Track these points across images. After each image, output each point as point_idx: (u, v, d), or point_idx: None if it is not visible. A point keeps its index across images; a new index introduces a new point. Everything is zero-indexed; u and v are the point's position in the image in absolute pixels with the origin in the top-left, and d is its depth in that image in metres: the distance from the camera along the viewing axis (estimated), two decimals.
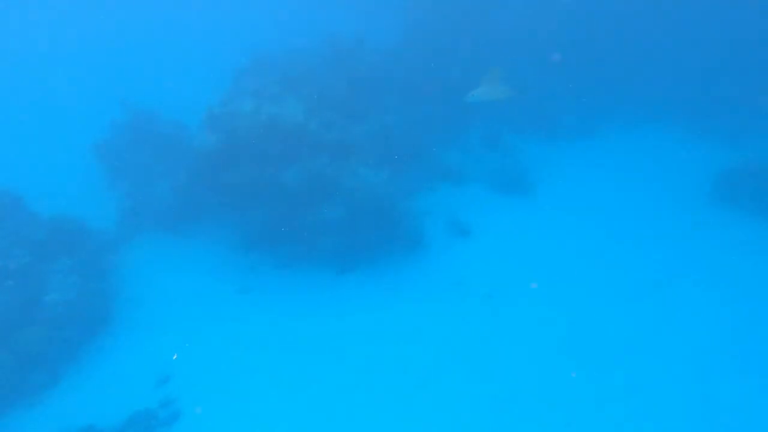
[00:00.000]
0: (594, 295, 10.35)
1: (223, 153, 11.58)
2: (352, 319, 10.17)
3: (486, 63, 15.95)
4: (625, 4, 16.62)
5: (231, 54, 18.20)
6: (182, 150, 13.13)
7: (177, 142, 13.77)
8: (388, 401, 8.37)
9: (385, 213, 11.70)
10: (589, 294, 10.40)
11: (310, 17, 22.89)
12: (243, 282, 11.16)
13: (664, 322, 9.63)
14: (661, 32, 16.59)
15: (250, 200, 11.60)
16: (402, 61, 16.10)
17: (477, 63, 15.53)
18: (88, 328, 9.48)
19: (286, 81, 13.64)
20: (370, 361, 9.15)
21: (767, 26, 15.53)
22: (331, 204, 11.48)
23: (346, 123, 12.70)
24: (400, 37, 17.52)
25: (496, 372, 8.80)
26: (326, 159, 11.75)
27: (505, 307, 10.24)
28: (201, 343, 9.55)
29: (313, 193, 11.48)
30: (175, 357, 8.67)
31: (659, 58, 16.66)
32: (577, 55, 16.07)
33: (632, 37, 16.67)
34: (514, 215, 13.17)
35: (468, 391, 8.48)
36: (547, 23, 16.43)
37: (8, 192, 10.94)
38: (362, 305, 10.54)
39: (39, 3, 27.69)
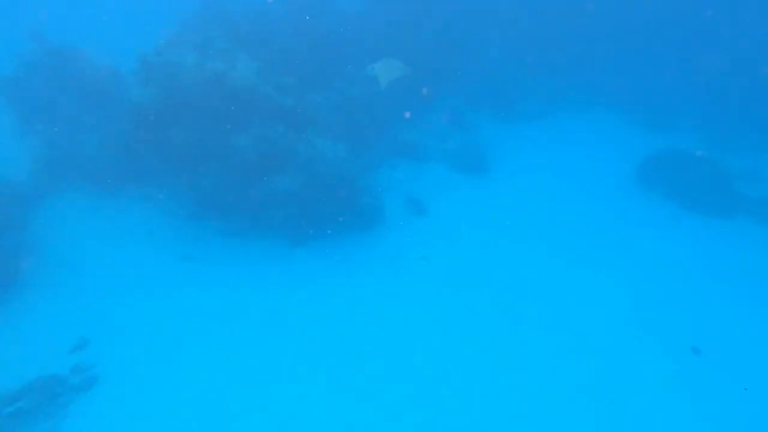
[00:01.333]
0: (524, 271, 10.71)
1: (162, 109, 10.59)
2: (302, 293, 9.73)
3: (456, 38, 16.31)
4: None
5: None
6: (113, 100, 11.84)
7: (107, 90, 12.36)
8: (329, 377, 8.00)
9: (341, 187, 11.36)
10: (522, 269, 10.74)
11: None
12: (185, 249, 10.29)
13: (580, 296, 10.06)
14: (611, 23, 17.44)
15: (196, 164, 10.73)
16: (370, 26, 15.48)
17: (446, 36, 15.81)
18: None
19: (238, 36, 12.77)
20: (315, 336, 8.74)
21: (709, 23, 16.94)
22: (286, 174, 10.93)
23: (303, 89, 12.16)
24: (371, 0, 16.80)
25: (437, 345, 8.73)
26: (281, 127, 11.17)
27: (454, 286, 10.24)
28: (129, 311, 8.60)
29: (267, 162, 10.83)
30: None
31: (609, 47, 17.47)
32: (539, 42, 16.69)
33: (586, 29, 17.49)
34: (471, 194, 13.34)
35: (413, 365, 8.32)
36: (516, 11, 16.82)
37: None
38: (312, 279, 10.14)
39: None
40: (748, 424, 7.91)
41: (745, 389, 8.40)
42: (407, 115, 15.20)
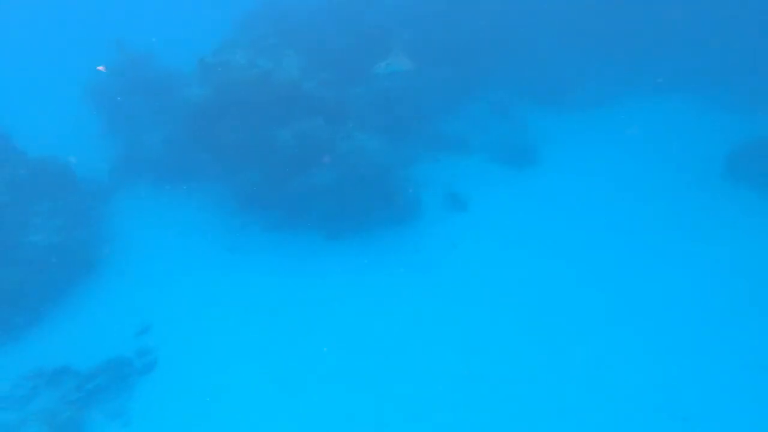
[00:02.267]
0: (585, 277, 9.87)
1: (215, 108, 11.22)
2: (336, 285, 10.08)
3: (499, 31, 15.32)
4: None
5: None
6: (175, 101, 12.77)
7: (170, 91, 13.33)
8: (359, 368, 8.34)
9: (379, 181, 11.39)
10: (580, 275, 9.93)
11: None
12: (231, 241, 11.03)
13: (655, 307, 9.10)
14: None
15: (242, 159, 11.34)
16: (411, 18, 15.04)
17: (490, 29, 14.96)
18: (71, 272, 9.40)
19: (287, 32, 13.04)
20: (348, 327, 9.09)
21: None
22: (324, 168, 11.21)
23: (345, 83, 12.26)
24: None
25: (472, 345, 8.70)
26: (321, 121, 11.39)
27: (492, 286, 10.00)
28: (183, 298, 9.50)
29: (306, 156, 11.14)
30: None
31: (679, 25, 15.24)
32: (597, 22, 15.13)
33: (651, 4, 15.71)
34: (515, 189, 12.61)
35: (442, 362, 8.41)
36: None
37: None
38: (347, 272, 10.44)
39: None
40: None
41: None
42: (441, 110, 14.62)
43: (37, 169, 10.36)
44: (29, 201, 9.75)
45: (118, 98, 12.83)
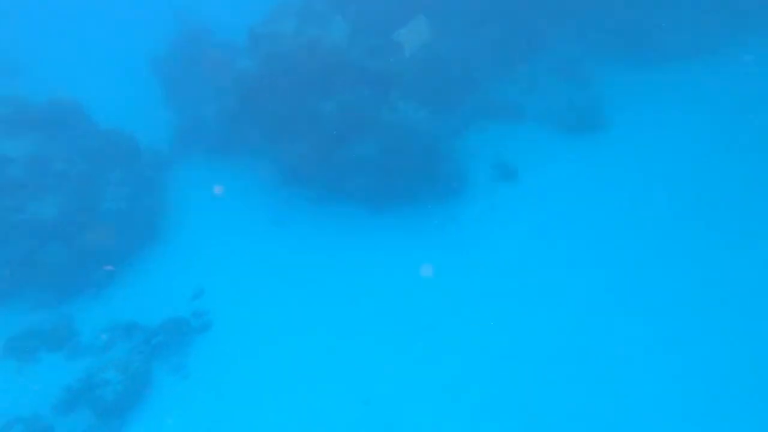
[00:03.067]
0: (654, 265, 8.79)
1: (262, 79, 11.46)
2: (378, 260, 10.40)
3: None
4: None
5: None
6: (227, 73, 13.23)
7: (224, 63, 13.79)
8: (396, 342, 8.76)
9: (424, 153, 11.21)
10: (647, 263, 8.91)
11: None
12: (277, 213, 11.69)
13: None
14: None
15: (288, 132, 11.65)
16: None
17: None
18: (138, 237, 10.49)
19: None
20: (388, 302, 9.47)
21: None
22: (368, 140, 11.25)
23: (391, 50, 11.94)
24: None
25: (517, 328, 8.66)
26: (365, 91, 11.33)
27: (544, 266, 9.52)
28: (233, 266, 10.39)
29: (350, 128, 11.20)
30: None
31: None
32: None
33: None
34: (575, 159, 11.47)
35: (486, 342, 8.55)
36: None
37: (72, 101, 11.68)
38: (390, 247, 10.71)
39: None
40: None
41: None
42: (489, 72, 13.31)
43: (108, 140, 11.38)
44: (102, 170, 10.81)
45: (178, 70, 13.52)
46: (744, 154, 10.54)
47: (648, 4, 13.17)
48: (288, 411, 7.75)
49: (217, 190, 11.92)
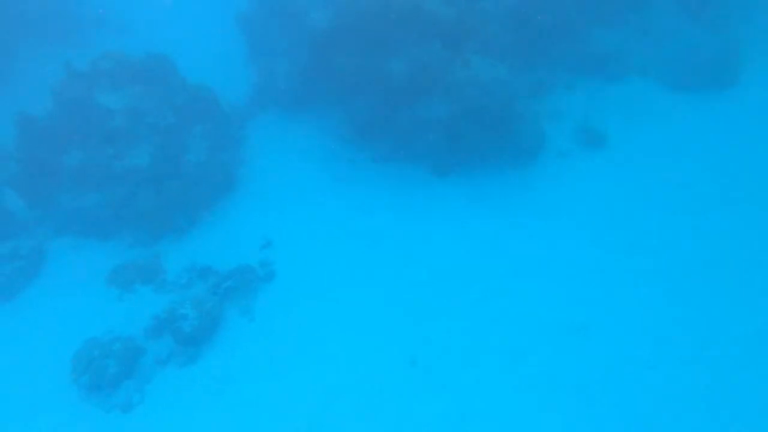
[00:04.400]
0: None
1: (334, 34, 11.33)
2: (438, 224, 10.33)
3: None
4: None
5: None
6: (301, 28, 13.22)
7: (300, 17, 13.75)
8: (451, 309, 8.84)
9: (498, 113, 10.53)
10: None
11: None
12: (342, 171, 11.93)
13: None
14: None
15: (356, 88, 11.55)
16: None
17: None
18: (215, 188, 11.37)
19: None
20: (447, 267, 9.49)
21: None
22: (437, 99, 10.84)
23: None
24: None
25: (587, 305, 8.45)
26: (437, 46, 10.76)
27: (624, 245, 8.91)
28: (299, 220, 10.93)
29: (420, 86, 10.80)
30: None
31: None
32: None
33: None
34: (690, 125, 9.93)
35: (551, 315, 8.42)
36: None
37: (165, 57, 12.53)
38: (452, 212, 10.57)
39: None
40: None
41: None
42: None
43: (194, 95, 12.18)
44: (187, 123, 11.68)
45: (260, 26, 13.78)
46: None
47: None
48: (336, 363, 8.27)
49: (286, 146, 12.40)
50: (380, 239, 10.31)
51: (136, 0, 17.09)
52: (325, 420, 7.44)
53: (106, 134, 11.03)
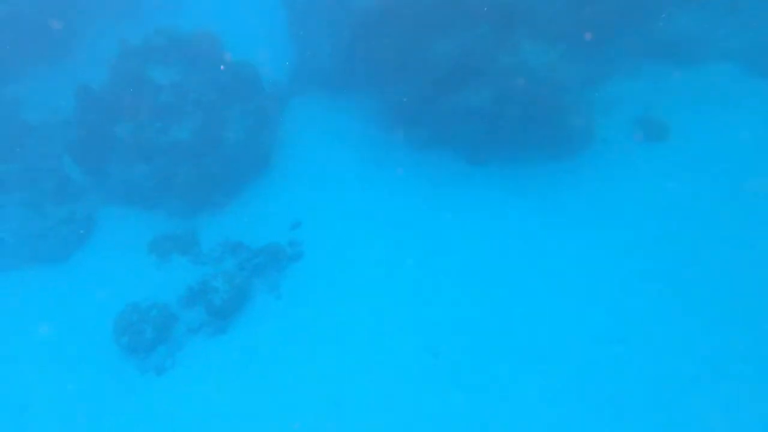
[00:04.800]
0: None
1: (379, 15, 11.05)
2: (472, 215, 10.10)
3: None
4: None
5: None
6: (346, 8, 13.01)
7: None
8: (477, 303, 8.68)
9: (544, 105, 9.97)
10: None
11: None
12: (377, 155, 11.84)
13: None
14: None
15: (397, 72, 11.31)
16: None
17: None
18: (251, 166, 11.64)
19: None
20: (475, 260, 9.30)
21: None
22: (481, 87, 10.38)
23: None
24: None
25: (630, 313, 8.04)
26: (486, 29, 10.24)
27: (675, 248, 8.25)
28: (331, 203, 11.02)
29: (464, 72, 10.39)
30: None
31: None
32: None
33: None
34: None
35: (584, 321, 8.13)
36: None
37: (212, 34, 12.78)
38: (488, 203, 10.27)
39: None
40: None
41: None
42: None
43: (236, 73, 12.39)
44: (228, 101, 11.94)
45: (304, 4, 13.70)
46: None
47: None
48: (358, 347, 8.39)
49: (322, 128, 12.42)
50: (411, 227, 10.21)
51: None
52: (342, 401, 7.61)
53: (155, 108, 11.50)
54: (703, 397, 6.92)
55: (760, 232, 8.32)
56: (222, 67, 12.25)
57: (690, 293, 8.07)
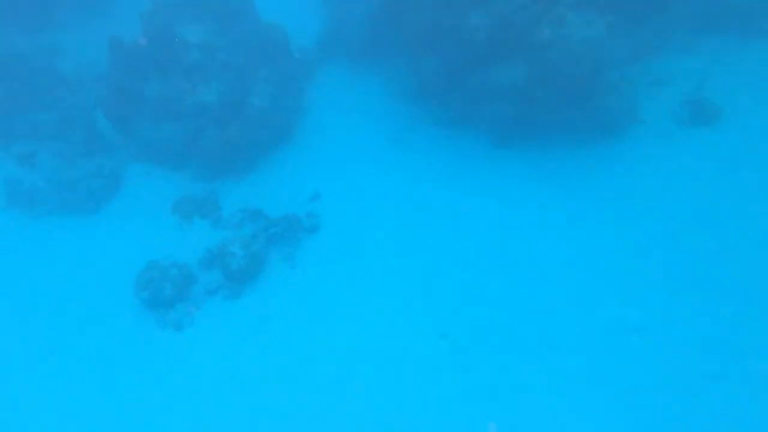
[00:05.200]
0: None
1: None
2: (494, 199, 9.87)
3: None
4: None
5: None
6: None
7: None
8: (490, 291, 8.59)
9: (584, 82, 9.41)
10: None
11: None
12: (400, 131, 11.67)
13: None
14: None
15: (428, 44, 10.91)
16: None
17: None
18: (274, 134, 11.65)
19: None
20: (494, 246, 9.15)
21: None
22: (516, 62, 9.86)
23: None
24: None
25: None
26: None
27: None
28: (350, 177, 11.01)
29: (498, 46, 9.90)
30: None
31: None
32: None
33: None
34: None
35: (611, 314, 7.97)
36: None
37: None
38: (512, 187, 10.03)
39: None
40: None
41: None
42: None
43: (265, 36, 12.21)
44: (255, 65, 11.83)
45: None
46: None
47: None
48: (367, 323, 8.59)
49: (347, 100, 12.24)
50: (429, 208, 10.14)
51: None
52: (348, 375, 7.89)
53: (183, 67, 11.50)
54: (723, 395, 6.81)
55: None
56: (251, 28, 12.06)
57: (723, 293, 7.80)
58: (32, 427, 7.73)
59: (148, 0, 11.79)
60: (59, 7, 14.62)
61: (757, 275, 7.79)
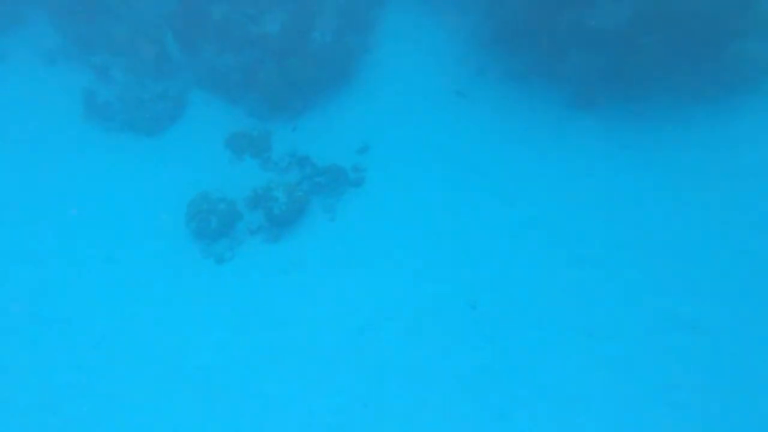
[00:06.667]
0: None
1: None
2: (565, 166, 8.99)
3: None
4: None
5: None
6: None
7: None
8: (539, 267, 8.09)
9: (695, 31, 7.96)
10: None
11: None
12: (465, 83, 10.58)
13: None
14: None
15: None
16: None
17: None
18: (332, 74, 11.03)
19: None
20: (553, 219, 8.51)
21: None
22: (616, 2, 8.31)
23: None
24: None
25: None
26: None
27: None
28: (404, 130, 10.35)
29: None
30: None
31: None
32: None
33: None
34: None
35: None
36: None
37: None
38: (588, 154, 9.02)
39: None
40: None
41: None
42: None
43: None
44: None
45: None
46: None
47: None
48: (400, 283, 8.43)
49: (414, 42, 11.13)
50: (485, 171, 9.43)
51: None
52: (371, 332, 7.97)
53: None
54: None
55: None
56: None
57: None
58: (77, 312, 8.63)
59: None
60: None
61: None
